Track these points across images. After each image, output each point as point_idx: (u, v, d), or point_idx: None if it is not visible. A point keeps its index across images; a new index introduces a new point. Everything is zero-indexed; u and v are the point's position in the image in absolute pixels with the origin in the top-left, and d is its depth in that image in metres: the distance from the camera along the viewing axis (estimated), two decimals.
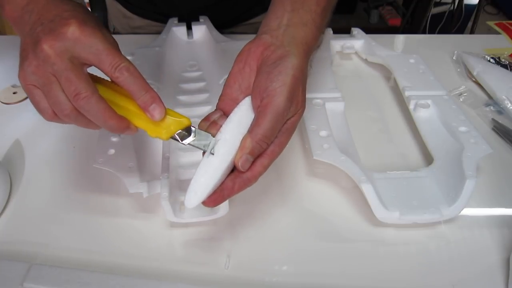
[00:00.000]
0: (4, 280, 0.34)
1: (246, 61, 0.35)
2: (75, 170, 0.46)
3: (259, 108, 0.33)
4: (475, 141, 0.44)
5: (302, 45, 0.35)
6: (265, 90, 0.33)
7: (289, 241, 0.39)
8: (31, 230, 0.40)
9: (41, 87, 0.31)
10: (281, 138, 0.34)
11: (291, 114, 0.34)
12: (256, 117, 0.33)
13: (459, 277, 0.37)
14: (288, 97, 0.32)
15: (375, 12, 2.00)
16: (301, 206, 0.43)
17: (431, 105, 0.50)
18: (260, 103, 0.33)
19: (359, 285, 0.36)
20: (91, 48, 0.30)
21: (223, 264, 0.37)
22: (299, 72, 0.34)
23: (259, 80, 0.34)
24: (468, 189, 0.39)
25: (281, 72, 0.33)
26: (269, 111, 0.32)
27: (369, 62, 0.62)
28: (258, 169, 0.33)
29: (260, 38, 0.35)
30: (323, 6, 0.38)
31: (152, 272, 0.37)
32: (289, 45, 0.35)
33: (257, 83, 0.34)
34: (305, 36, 0.36)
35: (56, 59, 0.30)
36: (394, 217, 0.39)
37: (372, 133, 0.51)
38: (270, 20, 0.37)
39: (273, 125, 0.32)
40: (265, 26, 0.37)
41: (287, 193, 0.44)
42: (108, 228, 0.40)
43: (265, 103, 0.32)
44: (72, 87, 0.30)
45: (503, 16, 2.16)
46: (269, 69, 0.33)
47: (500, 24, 0.74)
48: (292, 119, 0.34)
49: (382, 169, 0.44)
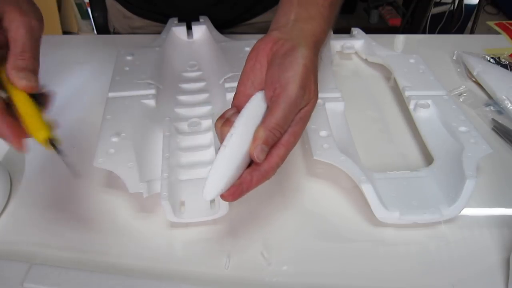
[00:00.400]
0: (4, 280, 0.34)
1: (256, 59, 0.35)
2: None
3: (272, 98, 0.33)
4: (475, 141, 0.44)
5: (310, 37, 0.36)
6: (277, 81, 0.33)
7: (289, 241, 0.39)
8: (31, 230, 0.40)
9: None
10: (295, 127, 0.34)
11: (304, 103, 0.34)
12: (269, 107, 0.33)
13: (459, 277, 0.37)
14: (300, 85, 0.33)
15: (375, 12, 2.00)
16: (301, 206, 0.43)
17: (431, 105, 0.50)
18: (273, 94, 0.33)
19: (359, 285, 0.36)
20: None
21: (223, 264, 0.37)
22: (310, 62, 0.34)
23: (271, 73, 0.34)
24: (468, 189, 0.39)
25: (292, 62, 0.33)
26: (282, 100, 0.32)
27: (369, 62, 0.62)
28: (275, 159, 0.33)
29: (269, 35, 0.36)
30: (330, 1, 0.38)
31: (152, 272, 0.37)
32: (298, 38, 0.35)
33: (269, 75, 0.34)
34: (312, 29, 0.36)
35: None
36: (394, 217, 0.39)
37: (372, 133, 0.51)
38: (279, 17, 0.38)
39: (286, 113, 0.32)
40: (274, 24, 0.37)
41: (287, 193, 0.44)
42: (108, 228, 0.40)
43: (278, 93, 0.32)
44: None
45: (503, 16, 2.16)
46: (280, 60, 0.34)
47: (500, 24, 0.74)
48: (305, 109, 0.34)
49: (382, 169, 0.44)
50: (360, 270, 0.37)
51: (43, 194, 0.43)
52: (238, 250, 0.38)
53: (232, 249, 0.38)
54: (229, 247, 0.39)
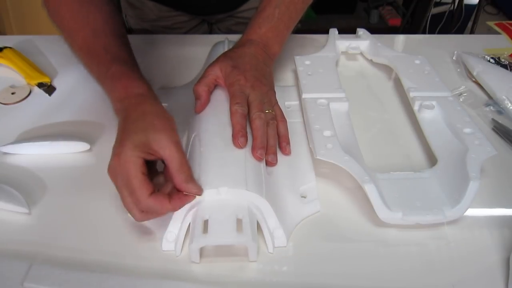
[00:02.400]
0: (4, 280, 0.34)
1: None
2: (75, 170, 0.46)
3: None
4: (480, 142, 0.44)
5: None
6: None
7: (291, 241, 0.39)
8: (31, 230, 0.40)
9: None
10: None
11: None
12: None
13: (459, 277, 0.37)
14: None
15: (375, 12, 2.00)
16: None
17: (435, 106, 0.50)
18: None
19: (361, 285, 0.36)
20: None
21: (223, 264, 0.37)
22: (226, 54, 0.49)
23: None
24: (471, 190, 0.39)
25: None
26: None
27: (374, 62, 0.62)
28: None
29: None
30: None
31: (152, 272, 0.36)
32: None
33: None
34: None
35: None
36: (397, 218, 0.39)
37: (376, 134, 0.51)
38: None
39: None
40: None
41: None
42: (108, 228, 0.40)
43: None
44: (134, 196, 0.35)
45: (503, 16, 2.16)
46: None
47: (500, 24, 0.74)
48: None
49: (385, 169, 0.44)
50: (361, 270, 0.37)
51: (43, 194, 0.43)
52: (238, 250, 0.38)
53: (232, 249, 0.38)
54: (229, 247, 0.38)
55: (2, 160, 0.46)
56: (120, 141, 0.36)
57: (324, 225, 0.41)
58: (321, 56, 0.58)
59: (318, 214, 0.42)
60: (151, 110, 0.39)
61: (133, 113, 0.39)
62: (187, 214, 0.37)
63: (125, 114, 0.39)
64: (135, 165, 0.35)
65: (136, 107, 0.39)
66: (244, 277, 0.36)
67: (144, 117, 0.38)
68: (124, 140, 0.36)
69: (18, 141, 0.47)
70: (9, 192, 0.41)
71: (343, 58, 0.63)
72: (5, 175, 0.44)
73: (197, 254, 0.36)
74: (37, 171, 0.45)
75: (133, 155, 0.35)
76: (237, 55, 0.48)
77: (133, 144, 0.35)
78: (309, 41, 0.67)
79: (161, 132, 0.37)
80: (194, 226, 0.36)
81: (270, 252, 0.38)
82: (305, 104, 0.49)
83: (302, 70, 0.55)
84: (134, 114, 0.39)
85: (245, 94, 0.44)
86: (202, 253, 0.37)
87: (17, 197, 0.41)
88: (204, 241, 0.35)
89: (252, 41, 0.49)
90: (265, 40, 0.50)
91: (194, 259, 0.36)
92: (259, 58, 0.48)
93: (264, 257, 0.38)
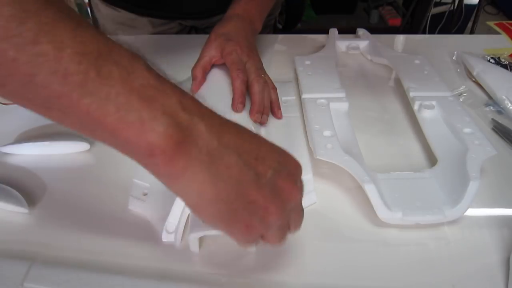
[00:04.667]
0: (4, 280, 0.33)
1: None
2: (75, 170, 0.46)
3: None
4: (480, 142, 0.44)
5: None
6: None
7: (291, 241, 0.39)
8: (31, 230, 0.40)
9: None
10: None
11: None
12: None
13: (459, 277, 0.36)
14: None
15: (375, 12, 2.00)
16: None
17: (435, 106, 0.50)
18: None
19: (361, 284, 0.36)
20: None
21: (223, 264, 0.37)
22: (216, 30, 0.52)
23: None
24: (471, 190, 0.39)
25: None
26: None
27: (374, 62, 0.62)
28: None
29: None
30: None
31: (152, 272, 0.36)
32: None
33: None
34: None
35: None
36: (397, 218, 0.39)
37: (375, 134, 0.51)
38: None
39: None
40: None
41: None
42: (108, 228, 0.40)
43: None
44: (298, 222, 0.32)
45: (503, 16, 2.17)
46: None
47: (500, 24, 0.74)
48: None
49: (385, 169, 0.44)
50: (361, 270, 0.37)
51: (43, 194, 0.43)
52: (238, 250, 0.38)
53: (232, 249, 0.38)
54: (229, 247, 0.38)
55: (2, 160, 0.46)
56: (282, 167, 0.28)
57: (324, 225, 0.41)
58: (321, 56, 0.58)
59: (318, 213, 0.42)
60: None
61: (225, 131, 0.27)
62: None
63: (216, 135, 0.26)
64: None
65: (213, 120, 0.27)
66: (243, 277, 0.36)
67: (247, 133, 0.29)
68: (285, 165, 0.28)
69: (18, 141, 0.47)
70: (9, 192, 0.41)
71: (343, 58, 0.63)
72: (5, 175, 0.44)
73: (197, 244, 0.37)
74: (37, 171, 0.45)
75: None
76: (227, 30, 0.52)
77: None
78: (309, 41, 0.67)
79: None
80: (193, 216, 0.36)
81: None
82: (305, 104, 0.50)
83: (302, 70, 0.55)
84: (227, 130, 0.27)
85: (243, 62, 0.48)
86: (201, 243, 0.38)
87: (17, 197, 0.41)
88: (203, 230, 0.35)
89: (238, 16, 0.54)
90: (250, 16, 0.54)
91: (194, 248, 0.37)
92: (247, 31, 0.53)
93: (263, 256, 0.38)
